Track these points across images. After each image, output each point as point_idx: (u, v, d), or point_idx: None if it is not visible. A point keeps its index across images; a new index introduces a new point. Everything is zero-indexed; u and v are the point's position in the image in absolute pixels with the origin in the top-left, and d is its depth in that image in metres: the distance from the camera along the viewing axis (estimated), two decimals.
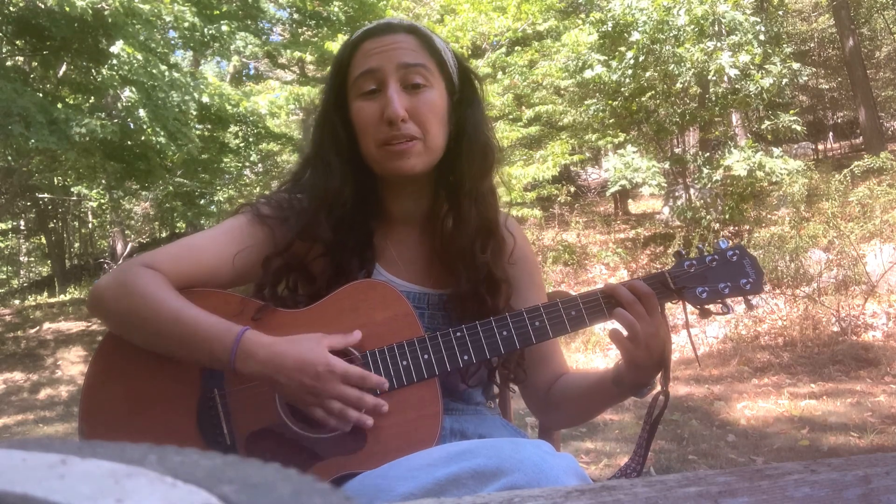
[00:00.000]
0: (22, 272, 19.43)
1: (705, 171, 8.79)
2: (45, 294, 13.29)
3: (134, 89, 8.21)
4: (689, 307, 1.11)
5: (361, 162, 1.12)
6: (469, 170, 1.12)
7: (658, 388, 1.12)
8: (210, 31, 9.62)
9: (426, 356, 1.02)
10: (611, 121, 9.78)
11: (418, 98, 1.07)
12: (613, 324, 1.07)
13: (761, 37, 8.91)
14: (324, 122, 1.13)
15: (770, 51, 9.36)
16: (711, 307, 1.10)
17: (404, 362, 1.02)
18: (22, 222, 17.70)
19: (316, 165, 1.13)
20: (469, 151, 1.12)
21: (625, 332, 1.05)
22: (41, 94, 8.19)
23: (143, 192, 12.60)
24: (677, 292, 1.08)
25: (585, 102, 9.79)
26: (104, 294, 1.04)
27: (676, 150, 11.73)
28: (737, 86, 8.78)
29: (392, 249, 1.17)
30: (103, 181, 11.81)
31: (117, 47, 8.06)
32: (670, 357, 1.11)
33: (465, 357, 1.03)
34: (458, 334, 1.04)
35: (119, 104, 8.52)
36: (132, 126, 8.60)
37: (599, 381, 1.15)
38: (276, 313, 1.06)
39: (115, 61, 8.15)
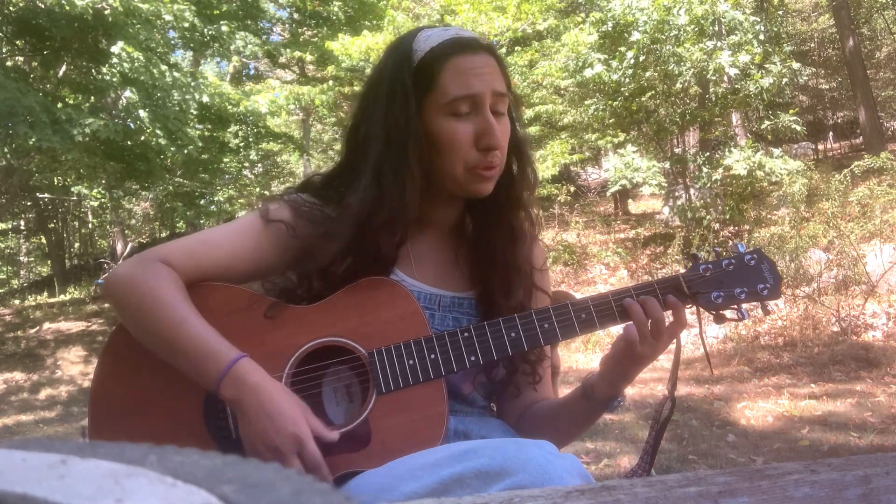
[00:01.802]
0: (22, 272, 19.44)
1: (705, 170, 8.79)
2: (45, 294, 13.30)
3: (134, 90, 8.21)
4: (704, 312, 1.10)
5: (428, 175, 1.10)
6: (531, 186, 1.17)
7: (625, 400, 1.13)
8: (210, 31, 9.61)
9: (433, 356, 1.02)
10: (611, 121, 9.78)
11: (502, 126, 1.09)
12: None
13: (761, 36, 8.92)
14: (407, 133, 1.06)
15: (770, 50, 9.36)
16: (726, 313, 1.09)
17: (410, 362, 1.01)
18: (22, 222, 17.71)
19: (385, 175, 1.06)
20: (529, 168, 1.17)
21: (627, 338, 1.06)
22: (42, 94, 8.18)
23: (143, 192, 12.61)
24: (691, 297, 1.07)
25: (585, 102, 9.80)
26: (117, 285, 1.05)
27: (676, 150, 11.73)
28: (737, 86, 8.78)
29: (409, 248, 1.16)
30: (103, 181, 11.81)
31: (117, 47, 8.06)
32: (678, 364, 1.11)
33: (472, 358, 1.03)
34: (466, 335, 1.03)
35: (119, 104, 8.52)
36: (132, 126, 8.61)
37: (569, 398, 1.16)
38: (285, 309, 1.06)
39: (115, 61, 8.15)
